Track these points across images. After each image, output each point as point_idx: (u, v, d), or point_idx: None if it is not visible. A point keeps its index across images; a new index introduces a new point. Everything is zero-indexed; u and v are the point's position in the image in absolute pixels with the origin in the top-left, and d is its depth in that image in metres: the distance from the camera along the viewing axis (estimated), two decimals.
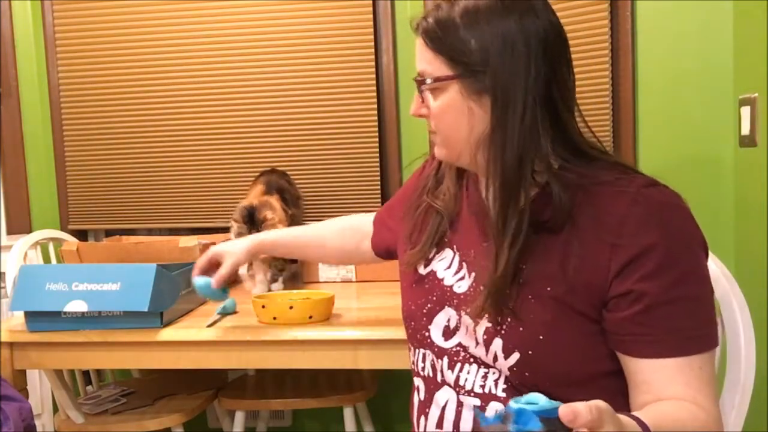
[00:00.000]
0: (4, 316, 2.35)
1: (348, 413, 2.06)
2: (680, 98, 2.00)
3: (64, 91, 2.66)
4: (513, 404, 0.66)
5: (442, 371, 1.03)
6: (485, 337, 0.97)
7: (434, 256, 1.09)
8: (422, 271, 1.10)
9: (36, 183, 2.72)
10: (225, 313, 1.71)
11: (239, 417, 2.10)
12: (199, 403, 2.06)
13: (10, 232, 2.68)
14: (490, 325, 0.96)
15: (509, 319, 0.95)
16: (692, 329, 0.90)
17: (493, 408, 0.95)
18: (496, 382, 0.97)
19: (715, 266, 1.16)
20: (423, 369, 1.07)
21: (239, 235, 1.91)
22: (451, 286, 1.05)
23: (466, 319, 1.01)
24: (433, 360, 1.05)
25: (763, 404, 1.63)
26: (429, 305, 1.06)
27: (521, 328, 0.94)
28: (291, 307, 1.58)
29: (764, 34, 1.68)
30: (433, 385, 1.04)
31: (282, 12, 2.52)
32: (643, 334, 0.89)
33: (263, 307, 1.60)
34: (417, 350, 1.09)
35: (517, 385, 0.95)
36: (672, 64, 2.01)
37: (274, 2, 2.52)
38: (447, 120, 0.98)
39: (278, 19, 2.53)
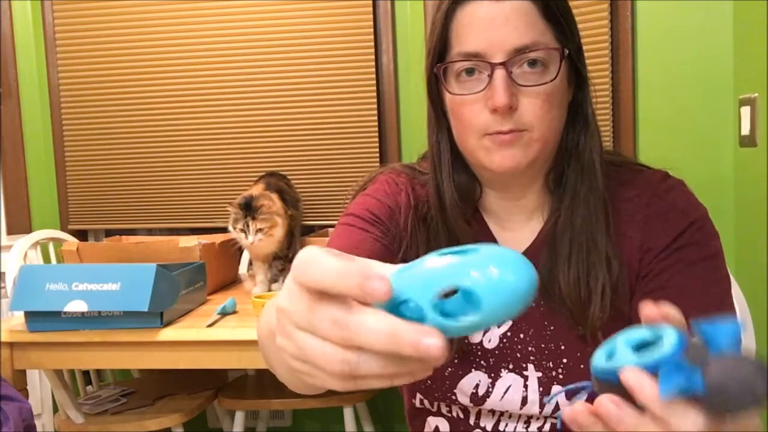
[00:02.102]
0: (4, 316, 2.35)
1: (348, 413, 2.06)
2: (680, 98, 2.00)
3: (64, 91, 2.66)
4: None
5: (478, 415, 0.91)
6: (541, 389, 0.86)
7: None
8: None
9: (36, 183, 2.72)
10: (225, 313, 1.71)
11: (239, 417, 2.10)
12: (199, 403, 2.06)
13: (10, 232, 2.68)
14: (541, 374, 0.86)
15: (565, 361, 0.85)
16: (717, 313, 0.82)
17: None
18: (540, 429, 0.89)
19: None
20: (449, 411, 0.93)
21: (235, 221, 1.93)
22: (479, 343, 0.89)
23: (504, 381, 0.88)
24: (464, 406, 0.92)
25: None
26: (450, 368, 0.89)
27: (582, 365, 0.84)
28: None
29: (764, 34, 1.68)
30: (463, 427, 0.92)
31: (282, 12, 2.52)
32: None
33: (263, 307, 1.60)
34: (438, 402, 0.93)
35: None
36: (672, 64, 2.01)
37: (274, 2, 2.52)
38: (553, 105, 0.81)
39: (278, 19, 2.53)
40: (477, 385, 0.88)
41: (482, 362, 0.89)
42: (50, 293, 1.60)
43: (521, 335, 0.88)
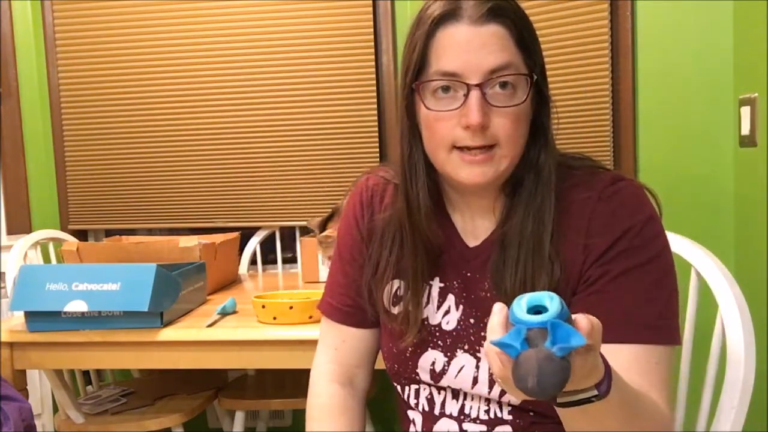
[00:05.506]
0: (4, 316, 2.35)
1: None
2: (680, 98, 2.00)
3: (64, 91, 2.66)
4: (529, 317, 0.59)
5: (443, 404, 0.98)
6: (491, 372, 0.91)
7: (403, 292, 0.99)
8: (394, 310, 1.00)
9: (36, 183, 2.72)
10: (225, 313, 1.71)
11: (239, 417, 2.10)
12: (199, 403, 2.06)
13: (10, 232, 2.68)
14: None
15: None
16: (651, 317, 0.86)
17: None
18: (501, 407, 0.94)
19: (714, 265, 1.16)
20: (417, 405, 1.01)
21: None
22: (437, 325, 0.97)
23: (459, 360, 0.95)
24: (430, 394, 0.99)
25: (763, 404, 1.63)
26: (410, 348, 0.98)
27: None
28: (291, 307, 1.58)
29: (764, 34, 1.68)
30: (431, 418, 0.99)
31: (282, 12, 2.52)
32: (600, 319, 0.85)
33: (263, 307, 1.60)
34: (408, 386, 1.02)
35: (525, 408, 0.92)
36: (672, 65, 2.01)
37: (274, 2, 2.52)
38: (521, 124, 0.87)
39: (278, 20, 2.53)
40: (434, 362, 0.97)
41: (439, 342, 0.97)
42: (50, 293, 1.60)
43: (475, 320, 0.95)
